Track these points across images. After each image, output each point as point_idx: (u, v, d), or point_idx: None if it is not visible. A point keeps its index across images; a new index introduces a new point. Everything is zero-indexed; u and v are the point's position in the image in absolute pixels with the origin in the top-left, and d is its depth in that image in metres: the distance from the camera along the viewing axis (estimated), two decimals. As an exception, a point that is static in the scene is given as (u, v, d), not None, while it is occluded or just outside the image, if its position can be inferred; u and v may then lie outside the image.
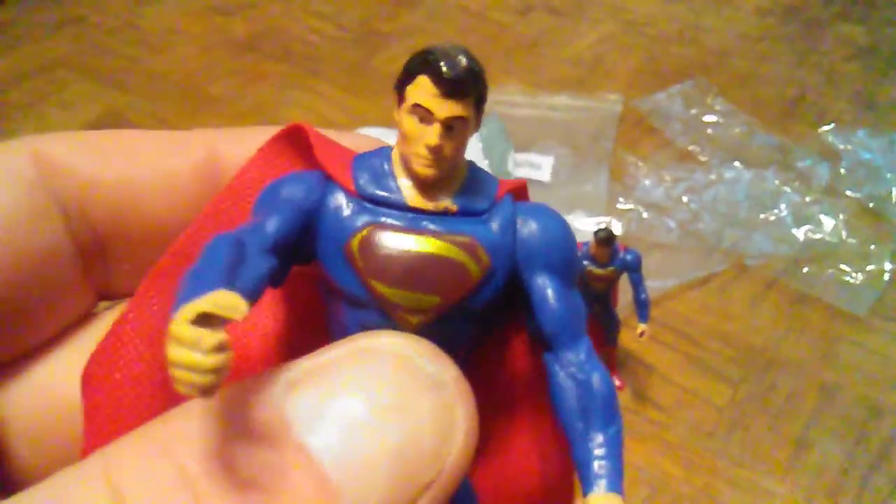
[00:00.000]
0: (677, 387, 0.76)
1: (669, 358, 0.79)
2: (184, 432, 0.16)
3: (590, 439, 0.22)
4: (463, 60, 0.21)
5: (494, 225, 0.22)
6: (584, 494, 0.21)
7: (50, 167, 0.22)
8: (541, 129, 1.07)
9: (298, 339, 0.24)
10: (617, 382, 0.76)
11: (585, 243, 0.68)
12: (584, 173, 0.98)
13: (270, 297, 0.24)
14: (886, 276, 0.86)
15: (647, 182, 0.97)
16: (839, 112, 1.11)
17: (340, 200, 0.22)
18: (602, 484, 0.21)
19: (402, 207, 0.22)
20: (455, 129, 0.21)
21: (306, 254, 0.22)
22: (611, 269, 0.68)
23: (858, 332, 0.82)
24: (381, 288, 0.21)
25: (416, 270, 0.21)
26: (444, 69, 0.20)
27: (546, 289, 0.22)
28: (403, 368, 0.19)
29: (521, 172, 0.99)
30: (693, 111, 1.09)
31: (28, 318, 0.22)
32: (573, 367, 0.22)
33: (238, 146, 0.24)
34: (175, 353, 0.16)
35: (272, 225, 0.21)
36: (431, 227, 0.22)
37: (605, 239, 0.65)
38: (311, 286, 0.24)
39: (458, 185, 0.22)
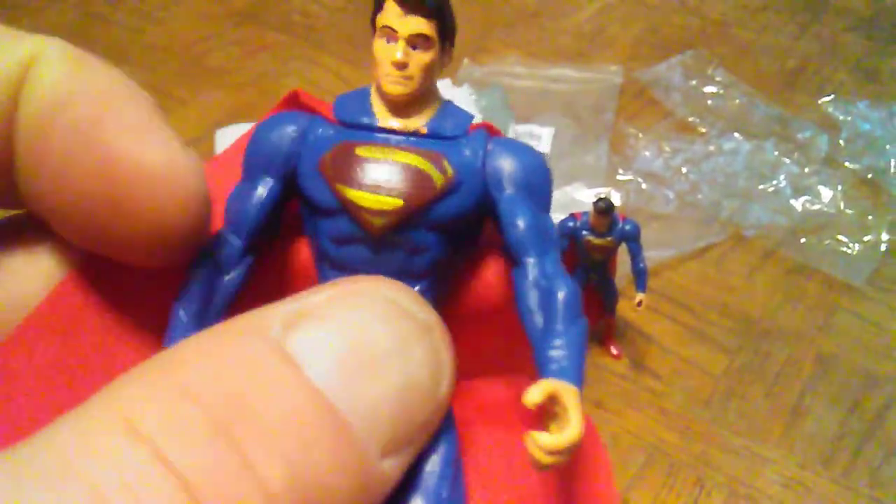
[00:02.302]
0: (674, 356, 0.77)
1: (667, 327, 0.80)
2: (192, 367, 0.16)
3: (550, 339, 0.21)
4: None
5: (465, 149, 0.23)
6: None
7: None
8: (541, 100, 1.07)
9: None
10: (614, 352, 0.76)
11: (585, 213, 0.69)
12: (585, 144, 0.99)
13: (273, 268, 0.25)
14: (884, 247, 0.87)
15: (646, 153, 0.97)
16: (839, 83, 1.11)
17: (320, 129, 0.23)
18: (557, 372, 0.21)
19: (375, 129, 0.23)
20: (419, 48, 0.23)
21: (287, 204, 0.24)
22: (609, 238, 0.68)
23: (855, 301, 0.82)
24: (348, 192, 0.22)
25: (375, 173, 0.22)
26: None
27: (514, 204, 0.23)
28: (397, 313, 0.19)
29: (521, 143, 0.99)
30: (693, 82, 1.09)
31: None
32: (537, 275, 0.22)
33: None
34: None
35: (249, 208, 0.23)
36: (401, 143, 0.23)
37: (605, 209, 0.66)
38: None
39: (432, 114, 0.23)
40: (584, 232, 0.68)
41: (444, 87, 1.02)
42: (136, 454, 0.14)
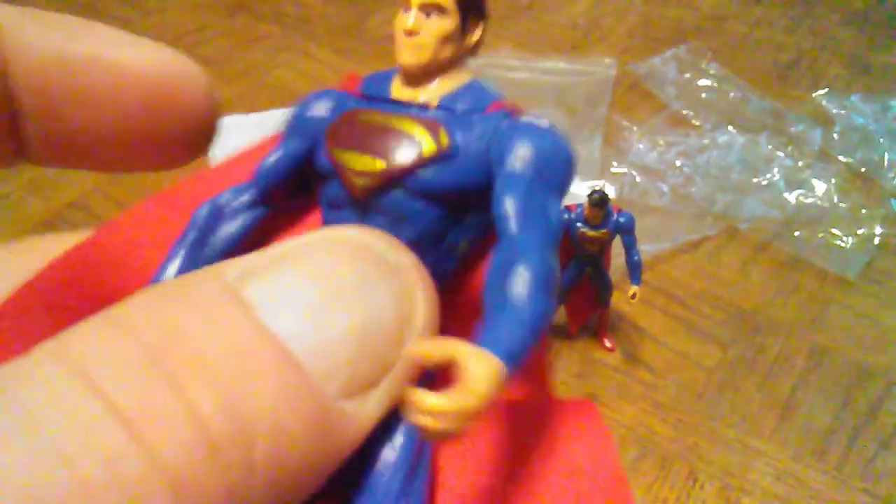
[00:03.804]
0: (668, 349, 0.77)
1: (660, 320, 0.80)
2: (141, 311, 0.16)
3: (498, 311, 0.19)
4: None
5: (476, 125, 0.22)
6: None
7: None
8: (535, 92, 1.07)
9: None
10: (608, 344, 0.76)
11: (579, 205, 0.69)
12: (579, 137, 0.98)
13: (305, 226, 0.25)
14: (877, 240, 0.87)
15: (640, 146, 0.97)
16: (833, 77, 1.11)
17: (347, 102, 0.23)
18: (481, 341, 0.18)
19: (387, 100, 0.23)
20: (433, 18, 0.22)
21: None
22: (604, 230, 0.68)
23: (848, 295, 0.83)
24: (337, 152, 0.22)
25: (367, 135, 0.21)
26: None
27: (509, 179, 0.21)
28: (361, 254, 0.19)
29: (514, 136, 0.99)
30: (687, 75, 1.09)
31: None
32: (511, 248, 0.20)
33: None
34: None
35: (273, 159, 0.23)
36: (405, 112, 0.22)
37: (599, 201, 0.66)
38: None
39: (450, 89, 0.23)
40: (579, 224, 0.68)
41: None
42: (68, 382, 0.14)
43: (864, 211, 0.90)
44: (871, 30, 1.20)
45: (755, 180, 0.93)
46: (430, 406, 0.17)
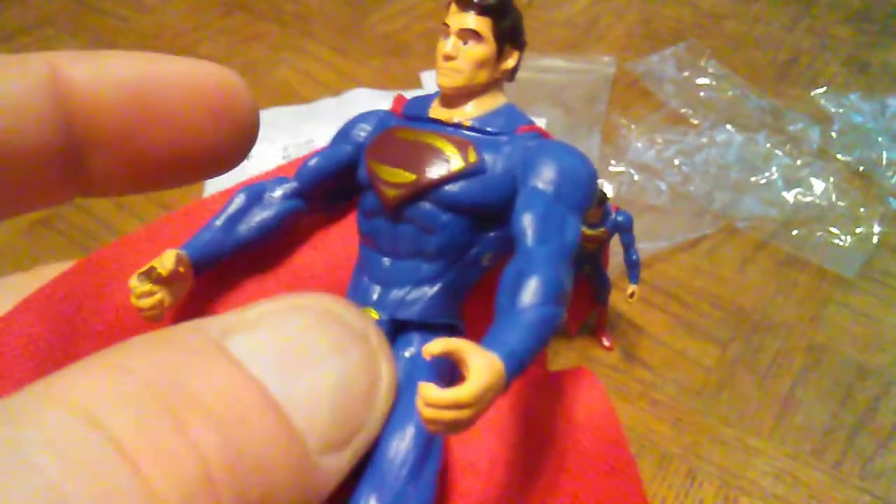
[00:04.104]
0: (666, 347, 0.77)
1: (659, 319, 0.80)
2: (137, 354, 0.17)
3: (504, 316, 0.20)
4: None
5: (506, 145, 0.23)
6: None
7: None
8: (534, 91, 1.07)
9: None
10: (606, 343, 0.76)
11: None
12: (577, 135, 0.98)
13: (339, 228, 0.27)
14: (875, 239, 0.87)
15: (638, 145, 0.97)
16: (832, 75, 1.11)
17: (389, 121, 0.26)
18: (486, 342, 0.19)
19: (425, 119, 0.25)
20: (469, 44, 0.24)
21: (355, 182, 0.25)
22: (602, 229, 0.68)
23: (846, 293, 0.83)
24: (373, 164, 0.24)
25: (402, 151, 0.24)
26: None
27: (530, 195, 0.22)
28: (334, 320, 0.20)
29: (513, 134, 0.99)
30: (686, 74, 1.09)
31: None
32: (524, 260, 0.21)
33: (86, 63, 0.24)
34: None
35: (317, 160, 0.25)
36: (436, 129, 0.24)
37: (598, 199, 0.66)
38: None
39: (485, 110, 0.24)
40: (577, 223, 0.68)
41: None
42: (69, 421, 0.14)
43: (862, 209, 0.90)
44: (869, 28, 1.20)
45: (753, 179, 0.93)
46: (432, 397, 0.18)
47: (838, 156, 0.97)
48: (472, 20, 0.24)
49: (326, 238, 0.26)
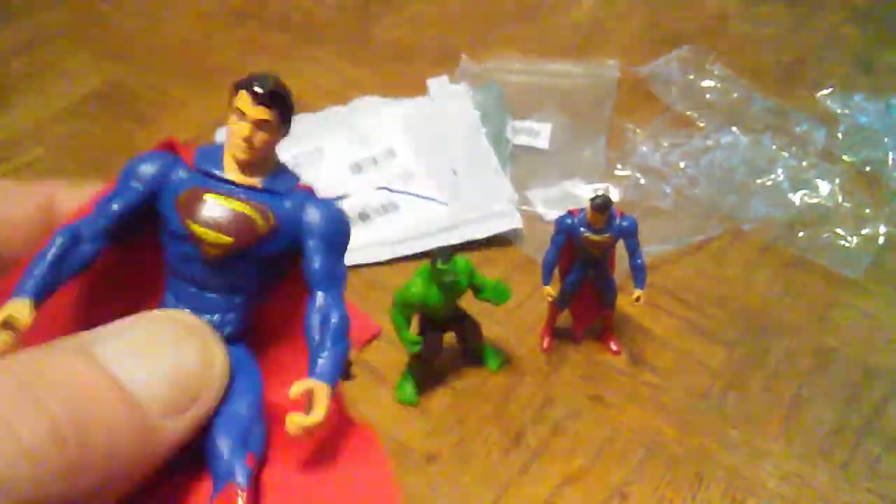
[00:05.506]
0: (673, 350, 0.77)
1: (666, 322, 0.80)
2: (18, 359, 0.24)
3: (320, 351, 0.29)
4: (271, 83, 0.30)
5: (287, 202, 0.31)
6: None
7: None
8: (539, 96, 1.07)
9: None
10: (614, 347, 0.77)
11: (582, 210, 0.69)
12: (583, 140, 0.99)
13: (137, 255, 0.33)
14: (882, 240, 0.87)
15: (644, 148, 0.97)
16: (837, 76, 1.11)
17: (181, 171, 0.31)
18: (317, 375, 0.28)
19: (223, 180, 0.30)
20: (262, 128, 0.30)
21: (148, 217, 0.31)
22: (607, 234, 0.68)
23: (853, 294, 0.83)
24: (194, 226, 0.29)
25: (218, 217, 0.29)
26: (256, 87, 0.29)
27: (313, 249, 0.31)
28: (175, 322, 0.28)
29: (519, 140, 0.99)
30: (691, 76, 1.09)
31: None
32: (321, 304, 0.30)
33: (75, 193, 0.32)
34: None
35: (117, 203, 0.30)
36: (240, 194, 0.30)
37: (601, 205, 0.66)
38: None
39: (268, 172, 0.31)
40: (582, 229, 0.68)
41: (442, 86, 1.03)
42: None
43: (868, 210, 0.90)
44: (875, 29, 1.20)
45: (759, 181, 0.93)
46: (300, 423, 0.27)
47: (844, 157, 0.97)
48: (267, 113, 0.29)
49: (130, 268, 0.32)
